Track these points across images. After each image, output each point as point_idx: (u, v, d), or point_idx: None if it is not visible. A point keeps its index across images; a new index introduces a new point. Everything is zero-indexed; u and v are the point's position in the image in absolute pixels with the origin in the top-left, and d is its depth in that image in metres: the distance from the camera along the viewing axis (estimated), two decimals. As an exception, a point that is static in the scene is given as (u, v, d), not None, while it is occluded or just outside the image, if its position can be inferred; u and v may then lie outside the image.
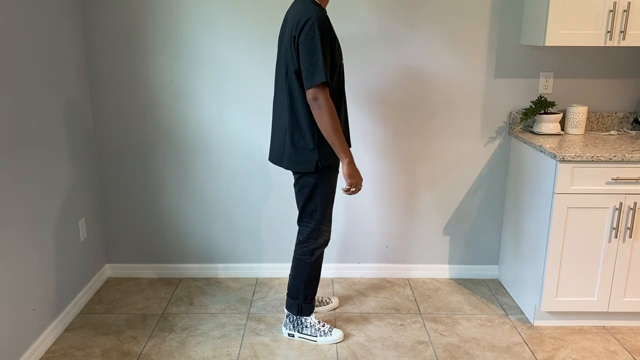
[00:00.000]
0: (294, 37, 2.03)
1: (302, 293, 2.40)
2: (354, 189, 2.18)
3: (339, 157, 2.12)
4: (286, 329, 2.49)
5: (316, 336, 2.44)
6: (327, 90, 2.03)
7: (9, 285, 2.13)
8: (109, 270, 3.09)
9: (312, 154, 2.15)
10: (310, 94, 2.02)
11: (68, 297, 2.61)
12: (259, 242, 3.06)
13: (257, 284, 3.02)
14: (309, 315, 2.45)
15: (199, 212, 3.00)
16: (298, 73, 2.07)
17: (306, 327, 2.45)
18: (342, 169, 2.17)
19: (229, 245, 3.06)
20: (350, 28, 2.74)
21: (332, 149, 2.14)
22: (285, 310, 2.48)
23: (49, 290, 2.44)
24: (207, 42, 2.76)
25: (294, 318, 2.45)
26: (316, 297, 2.72)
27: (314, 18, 1.98)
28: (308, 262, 2.35)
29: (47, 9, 2.41)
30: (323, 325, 2.46)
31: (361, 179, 2.17)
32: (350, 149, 2.81)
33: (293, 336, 2.47)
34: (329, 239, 2.38)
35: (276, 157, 2.30)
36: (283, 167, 2.25)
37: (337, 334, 2.45)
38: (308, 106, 2.09)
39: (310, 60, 2.00)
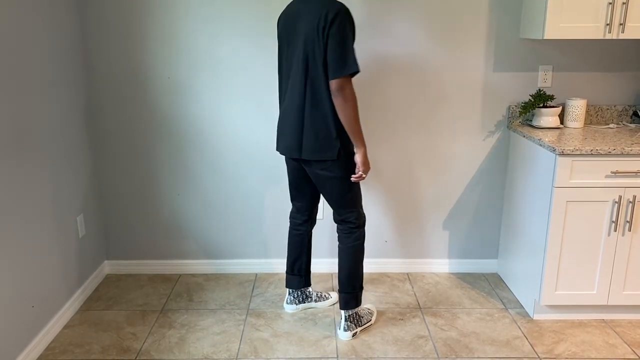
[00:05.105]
0: (323, 28, 2.06)
1: (360, 280, 2.44)
2: (364, 176, 2.28)
3: (356, 145, 2.21)
4: (349, 331, 2.43)
5: (370, 320, 2.54)
6: (351, 81, 2.11)
7: (8, 282, 2.13)
8: (108, 267, 3.09)
9: (335, 143, 2.20)
10: (337, 84, 2.08)
11: (67, 294, 2.61)
12: (258, 238, 3.06)
13: (257, 280, 3.02)
14: (362, 302, 2.50)
15: (198, 208, 3.00)
16: (324, 64, 2.11)
17: (361, 317, 2.50)
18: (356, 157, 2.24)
19: (228, 241, 3.06)
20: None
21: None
22: (342, 313, 2.43)
23: (48, 287, 2.43)
24: (205, 37, 2.75)
25: (352, 315, 2.44)
26: (316, 293, 2.72)
27: (344, 12, 2.06)
28: (363, 245, 2.43)
29: (46, 6, 2.40)
30: (368, 308, 2.58)
31: (369, 168, 2.27)
32: None
33: (356, 334, 2.46)
34: None
35: (292, 148, 2.27)
36: (301, 157, 2.25)
37: (374, 308, 2.64)
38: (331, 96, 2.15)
39: (341, 51, 2.06)
